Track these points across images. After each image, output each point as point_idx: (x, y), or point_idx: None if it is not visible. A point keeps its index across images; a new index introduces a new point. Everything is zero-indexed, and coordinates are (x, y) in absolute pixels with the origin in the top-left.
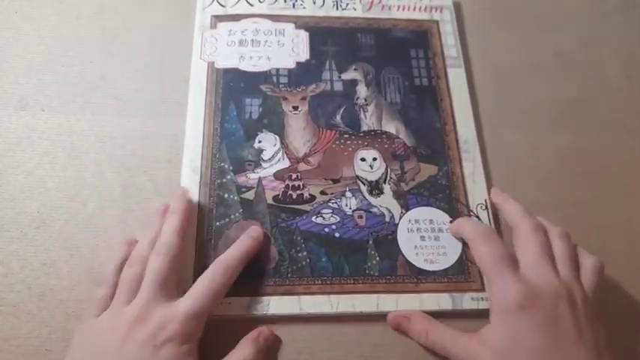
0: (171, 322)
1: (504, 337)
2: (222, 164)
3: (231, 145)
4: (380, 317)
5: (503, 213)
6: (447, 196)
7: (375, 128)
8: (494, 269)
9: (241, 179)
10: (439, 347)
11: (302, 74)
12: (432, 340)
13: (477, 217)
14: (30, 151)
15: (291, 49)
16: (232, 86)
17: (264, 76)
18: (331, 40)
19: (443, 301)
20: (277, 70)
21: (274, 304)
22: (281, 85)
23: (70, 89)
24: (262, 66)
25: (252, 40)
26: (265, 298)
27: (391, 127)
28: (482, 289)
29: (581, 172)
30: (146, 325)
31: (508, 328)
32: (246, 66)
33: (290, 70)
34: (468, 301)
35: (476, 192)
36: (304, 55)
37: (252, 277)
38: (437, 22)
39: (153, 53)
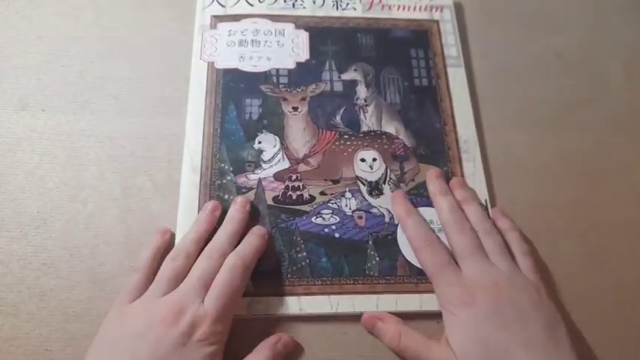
0: (203, 323)
1: (459, 336)
2: (222, 165)
3: (231, 145)
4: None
5: (434, 203)
6: None
7: (375, 129)
8: (436, 273)
9: (241, 180)
10: (411, 352)
11: (302, 74)
12: (405, 345)
13: None
14: (30, 151)
15: (291, 49)
16: (232, 86)
17: (264, 77)
18: (331, 40)
19: None
20: (277, 70)
21: (274, 305)
22: (281, 86)
23: (70, 89)
24: (262, 66)
25: (252, 41)
26: (265, 299)
27: (391, 127)
28: None
29: (581, 172)
30: (180, 323)
31: (460, 327)
32: (246, 66)
33: (290, 71)
34: None
35: (477, 191)
36: (304, 55)
37: (251, 278)
38: (437, 21)
39: (153, 53)
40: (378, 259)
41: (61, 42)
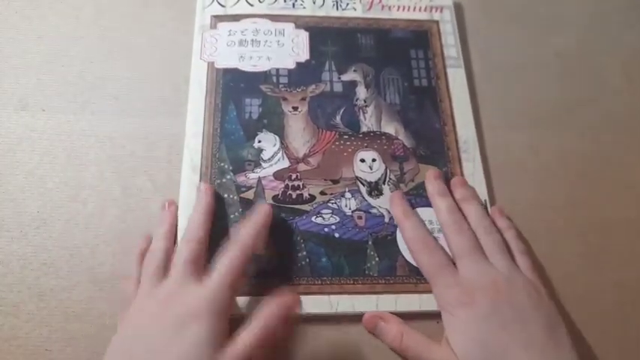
0: (199, 302)
1: (459, 336)
2: (222, 164)
3: (230, 145)
4: None
5: (432, 204)
6: None
7: (375, 129)
8: (434, 275)
9: (241, 179)
10: (412, 352)
11: (302, 75)
12: (406, 345)
13: None
14: (30, 151)
15: (291, 49)
16: (232, 86)
17: (264, 77)
18: (331, 40)
19: None
20: (277, 70)
21: None
22: (281, 86)
23: (70, 89)
24: (262, 66)
25: (252, 41)
26: (265, 298)
27: (390, 128)
28: None
29: (581, 172)
30: (175, 305)
31: (459, 328)
32: (246, 66)
33: (290, 71)
34: None
35: (476, 191)
36: (304, 55)
37: (251, 276)
38: (437, 22)
39: (153, 53)
40: (377, 259)
41: (61, 42)
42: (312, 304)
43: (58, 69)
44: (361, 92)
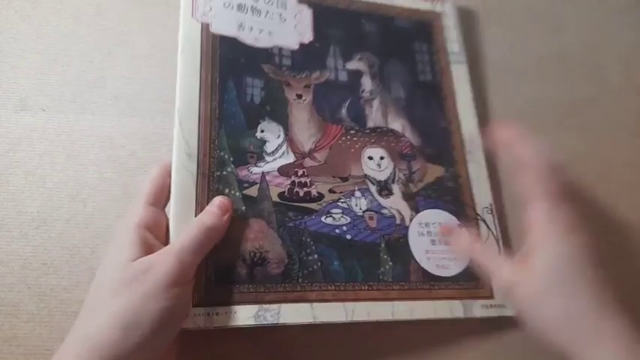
0: None
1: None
2: (222, 153)
3: (231, 131)
4: (395, 325)
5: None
6: (454, 198)
7: (381, 125)
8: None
9: (243, 173)
10: (485, 258)
11: (306, 58)
12: (481, 251)
13: (484, 220)
14: (30, 151)
15: (294, 26)
16: (231, 60)
17: (266, 55)
18: (335, 22)
19: (455, 308)
20: (280, 49)
21: (285, 312)
22: (284, 68)
23: (70, 89)
24: (264, 41)
25: (252, 8)
26: (275, 306)
27: (397, 124)
28: (492, 297)
29: (581, 171)
30: None
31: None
32: (247, 37)
33: (293, 52)
34: (478, 309)
35: (481, 194)
36: (308, 35)
37: (259, 282)
38: (439, 14)
39: (153, 53)
40: (391, 263)
41: (61, 42)
42: (328, 312)
43: (58, 69)
44: (367, 83)
